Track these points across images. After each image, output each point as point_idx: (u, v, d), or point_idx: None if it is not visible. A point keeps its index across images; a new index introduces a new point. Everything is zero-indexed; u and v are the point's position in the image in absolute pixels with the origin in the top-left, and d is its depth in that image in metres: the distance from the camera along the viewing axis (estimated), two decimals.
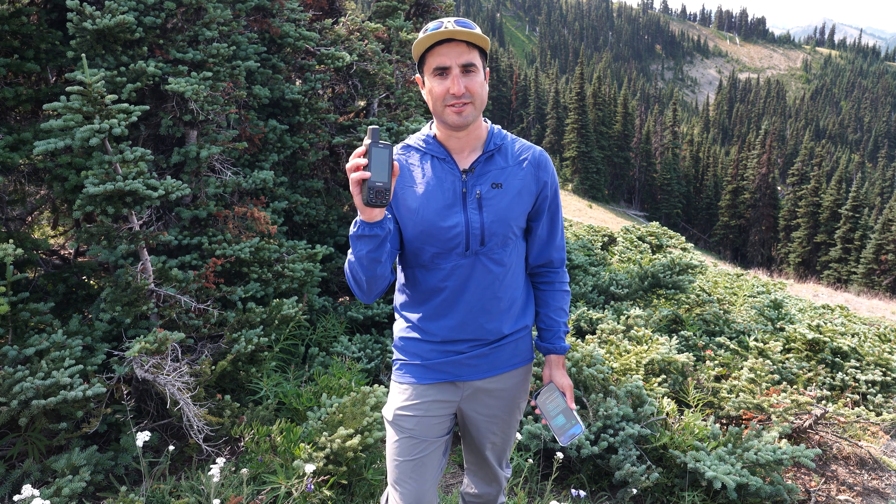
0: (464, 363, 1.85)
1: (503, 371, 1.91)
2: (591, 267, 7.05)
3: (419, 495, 1.86)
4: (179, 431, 3.36)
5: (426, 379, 1.87)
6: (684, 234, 17.28)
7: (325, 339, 4.44)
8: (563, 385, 1.96)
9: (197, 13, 3.99)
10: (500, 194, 1.76)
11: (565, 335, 1.97)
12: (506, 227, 1.77)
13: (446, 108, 1.68)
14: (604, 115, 57.59)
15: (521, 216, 1.81)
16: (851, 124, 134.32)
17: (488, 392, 1.92)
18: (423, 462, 1.86)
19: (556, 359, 1.98)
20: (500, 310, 1.84)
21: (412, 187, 1.77)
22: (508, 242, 1.81)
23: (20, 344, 2.90)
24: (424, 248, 1.77)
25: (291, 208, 4.96)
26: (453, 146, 1.78)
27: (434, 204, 1.75)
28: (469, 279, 1.78)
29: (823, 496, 3.66)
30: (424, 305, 1.84)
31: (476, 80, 1.68)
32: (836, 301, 14.00)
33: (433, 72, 1.68)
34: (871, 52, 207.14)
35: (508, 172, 1.79)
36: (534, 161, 1.82)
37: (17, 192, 3.89)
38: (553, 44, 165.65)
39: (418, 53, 1.70)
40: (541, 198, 1.84)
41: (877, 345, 5.40)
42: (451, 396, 1.89)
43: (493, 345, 1.86)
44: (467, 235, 1.74)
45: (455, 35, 1.62)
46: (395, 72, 5.81)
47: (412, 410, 1.86)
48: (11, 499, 2.54)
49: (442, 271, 1.78)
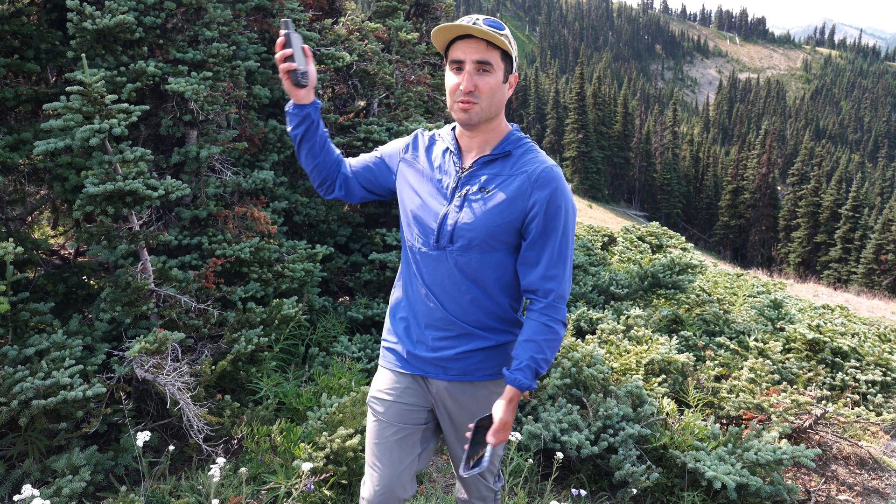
0: (428, 360, 1.83)
1: (470, 379, 1.82)
2: (591, 267, 7.05)
3: (389, 479, 1.84)
4: (179, 431, 3.36)
5: (397, 366, 1.90)
6: (684, 234, 17.28)
7: (325, 339, 4.45)
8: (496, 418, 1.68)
9: (197, 13, 3.99)
10: (484, 199, 1.72)
11: (532, 374, 1.69)
12: (481, 233, 1.71)
13: (455, 104, 1.69)
14: (604, 115, 57.56)
15: (502, 228, 1.72)
16: (851, 124, 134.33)
17: (455, 399, 1.86)
18: (395, 446, 1.86)
19: (509, 391, 1.70)
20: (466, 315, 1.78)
21: (420, 169, 1.85)
22: (487, 251, 1.73)
23: (20, 344, 2.90)
24: (410, 230, 1.84)
25: (291, 208, 4.96)
26: (464, 143, 1.81)
27: (427, 189, 1.81)
28: (436, 273, 1.78)
29: (823, 496, 3.66)
30: (403, 291, 1.91)
31: (488, 80, 1.66)
32: (836, 301, 13.99)
33: (450, 64, 1.69)
34: (871, 52, 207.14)
35: (502, 181, 1.73)
36: (532, 176, 1.71)
37: (17, 192, 3.89)
38: (553, 44, 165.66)
39: (441, 44, 1.71)
40: (529, 216, 1.71)
41: (877, 345, 5.40)
42: (420, 390, 1.89)
43: (460, 350, 1.79)
44: (439, 230, 1.75)
45: (474, 31, 1.61)
46: (395, 72, 5.81)
47: (386, 394, 1.90)
48: (11, 499, 2.54)
49: (417, 256, 1.82)
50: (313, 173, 1.93)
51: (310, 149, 1.88)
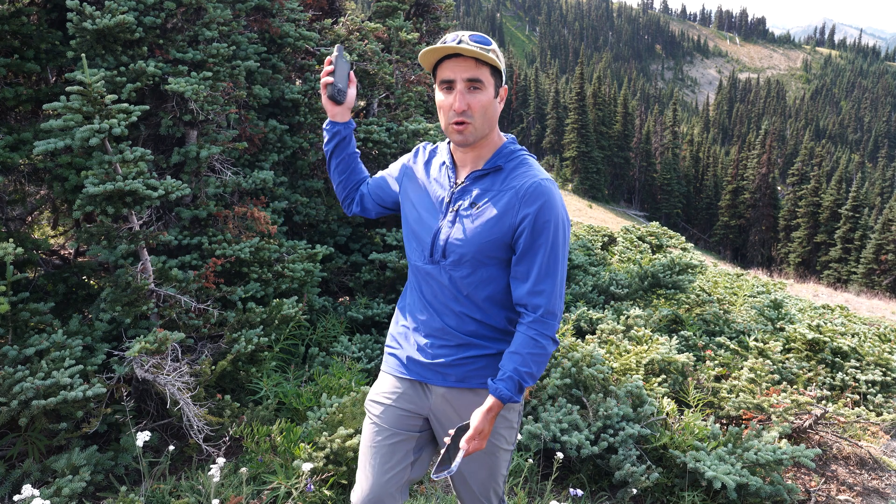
0: (427, 366, 1.82)
1: (469, 386, 1.80)
2: (591, 267, 7.05)
3: (378, 485, 1.81)
4: (179, 431, 3.37)
5: (397, 371, 1.91)
6: (684, 234, 17.26)
7: (325, 339, 4.45)
8: (472, 425, 1.66)
9: (197, 13, 3.99)
10: (473, 215, 1.73)
11: (515, 386, 1.67)
12: (471, 248, 1.71)
13: (450, 125, 1.70)
14: (604, 115, 57.56)
15: (491, 244, 1.71)
16: (851, 124, 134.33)
17: (452, 407, 1.83)
18: (387, 450, 1.84)
19: (489, 399, 1.68)
20: (462, 327, 1.79)
21: (420, 183, 1.88)
22: (478, 267, 1.73)
23: (20, 344, 2.90)
24: (409, 243, 1.88)
25: (291, 208, 4.96)
26: (459, 158, 1.83)
27: (424, 204, 1.84)
28: (432, 285, 1.81)
29: (823, 496, 3.66)
30: (405, 300, 1.95)
31: (480, 98, 1.66)
32: (836, 301, 13.99)
33: (440, 84, 1.70)
34: (871, 52, 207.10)
35: (491, 196, 1.73)
36: (520, 192, 1.69)
37: (17, 192, 3.89)
38: (553, 44, 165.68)
39: (428, 65, 1.71)
40: (517, 232, 1.70)
41: (877, 345, 5.40)
42: (418, 396, 1.87)
43: (457, 357, 1.79)
44: (432, 244, 1.78)
45: (462, 50, 1.61)
46: (395, 72, 5.82)
47: (383, 398, 1.90)
48: (11, 499, 2.54)
49: (415, 269, 1.86)
50: (338, 188, 2.08)
51: (337, 164, 2.03)
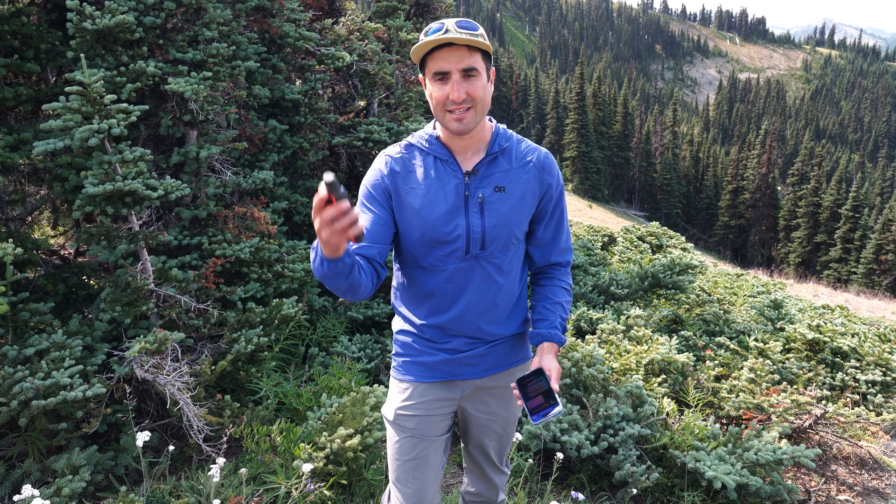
0: (463, 362, 1.85)
1: (502, 369, 1.90)
2: (591, 267, 7.05)
3: (422, 494, 1.87)
4: (179, 431, 3.37)
5: (426, 377, 1.87)
6: (684, 234, 17.27)
7: (325, 339, 4.44)
8: (551, 367, 1.72)
9: (197, 13, 3.99)
10: (502, 198, 1.74)
11: (563, 330, 1.84)
12: (507, 231, 1.75)
13: (447, 114, 1.66)
14: (604, 115, 57.58)
15: (523, 220, 1.79)
16: (851, 124, 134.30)
17: (488, 390, 1.92)
18: (425, 461, 1.87)
19: (549, 346, 1.79)
20: (498, 313, 1.83)
21: (415, 189, 1.74)
22: (510, 247, 1.79)
23: (20, 344, 2.90)
24: (426, 251, 1.75)
25: (291, 208, 4.96)
26: (456, 147, 1.76)
27: (436, 207, 1.72)
28: (468, 282, 1.77)
29: (823, 496, 3.66)
30: (424, 305, 1.83)
31: (477, 84, 1.64)
32: (836, 301, 13.99)
33: (433, 76, 1.64)
34: (871, 52, 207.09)
35: (512, 175, 1.76)
36: (538, 164, 1.79)
37: (17, 192, 3.89)
38: (553, 44, 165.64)
39: (418, 57, 1.66)
40: (544, 201, 1.82)
41: (877, 345, 5.40)
42: (451, 395, 1.90)
43: (490, 344, 1.86)
44: (468, 239, 1.72)
45: (454, 40, 1.58)
46: (395, 72, 5.81)
47: (413, 410, 1.86)
48: (11, 499, 2.54)
49: (442, 274, 1.76)
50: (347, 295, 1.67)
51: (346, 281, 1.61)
